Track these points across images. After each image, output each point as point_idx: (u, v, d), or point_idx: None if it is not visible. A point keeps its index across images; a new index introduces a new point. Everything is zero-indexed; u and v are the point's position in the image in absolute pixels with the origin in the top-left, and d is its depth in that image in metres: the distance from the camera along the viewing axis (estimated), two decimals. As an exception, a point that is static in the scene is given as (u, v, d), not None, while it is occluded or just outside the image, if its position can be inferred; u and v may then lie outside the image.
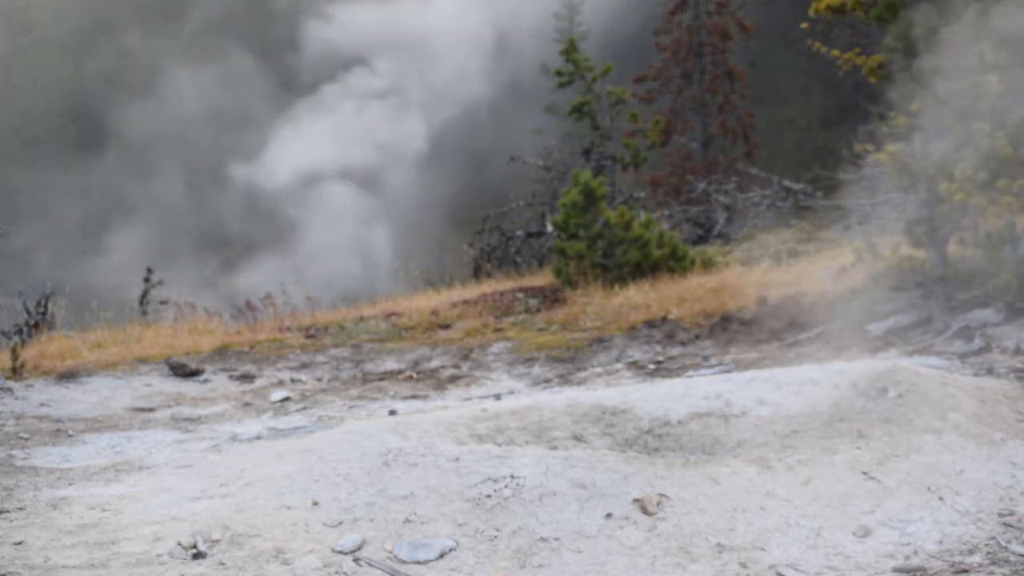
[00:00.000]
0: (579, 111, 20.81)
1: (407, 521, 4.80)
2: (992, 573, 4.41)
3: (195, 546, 4.71)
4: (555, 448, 5.98)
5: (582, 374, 9.55)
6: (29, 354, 10.20)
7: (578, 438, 6.39)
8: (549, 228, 18.36)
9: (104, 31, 34.84)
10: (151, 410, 8.58)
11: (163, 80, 34.02)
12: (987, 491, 5.09)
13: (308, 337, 11.68)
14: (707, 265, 14.48)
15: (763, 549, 4.60)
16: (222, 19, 35.70)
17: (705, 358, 9.80)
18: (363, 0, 33.13)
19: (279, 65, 33.94)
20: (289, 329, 12.16)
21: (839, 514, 4.85)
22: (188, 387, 9.50)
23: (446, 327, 11.94)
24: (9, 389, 8.87)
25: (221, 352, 10.82)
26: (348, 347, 11.08)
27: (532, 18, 32.64)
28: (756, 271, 13.47)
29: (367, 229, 29.19)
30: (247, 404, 8.89)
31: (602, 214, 14.48)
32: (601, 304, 12.48)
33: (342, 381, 9.78)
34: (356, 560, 4.57)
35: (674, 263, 14.20)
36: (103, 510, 5.38)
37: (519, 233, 19.48)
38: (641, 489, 4.91)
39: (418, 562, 4.55)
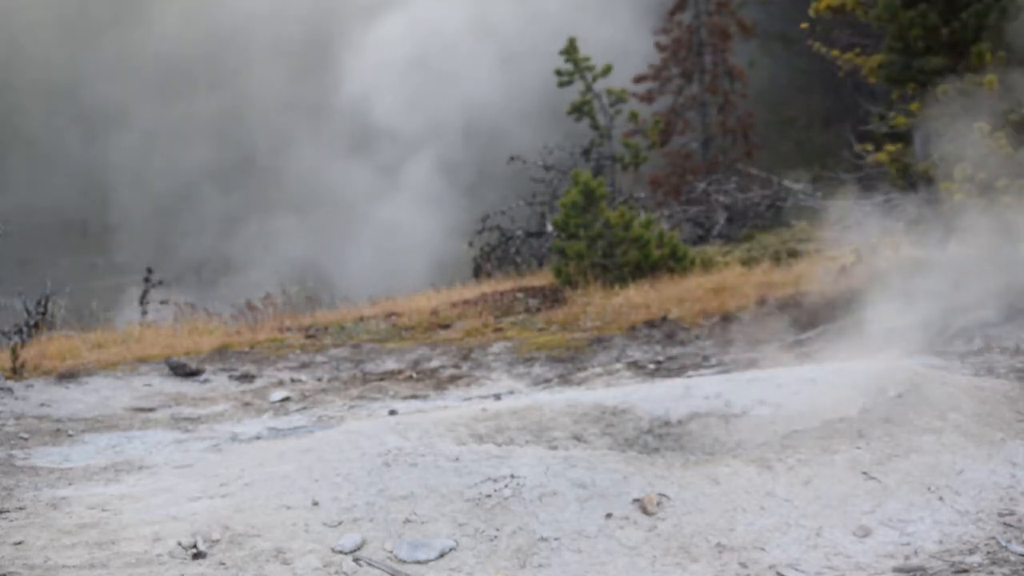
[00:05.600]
0: (579, 111, 20.81)
1: (407, 521, 4.80)
2: (992, 573, 4.41)
3: (195, 546, 4.71)
4: (555, 448, 5.97)
5: (582, 374, 9.55)
6: (29, 354, 10.20)
7: (578, 438, 6.39)
8: (549, 228, 18.35)
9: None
10: (151, 410, 8.58)
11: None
12: (987, 491, 5.09)
13: (308, 337, 11.68)
14: (707, 265, 14.46)
15: (763, 549, 4.61)
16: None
17: (705, 358, 9.80)
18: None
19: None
20: (289, 329, 12.16)
21: (839, 514, 4.85)
22: (188, 387, 9.50)
23: (446, 327, 11.93)
24: (9, 389, 8.87)
25: (221, 352, 10.82)
26: (348, 347, 11.08)
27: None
28: (756, 271, 13.47)
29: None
30: (247, 404, 8.89)
31: (602, 214, 14.47)
32: (601, 304, 12.47)
33: (342, 381, 9.78)
34: (356, 560, 4.57)
35: (674, 263, 14.19)
36: (103, 510, 5.38)
37: (519, 233, 19.47)
38: (641, 489, 4.91)
39: (418, 562, 4.55)
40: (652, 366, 9.62)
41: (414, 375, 9.86)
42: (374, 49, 30.29)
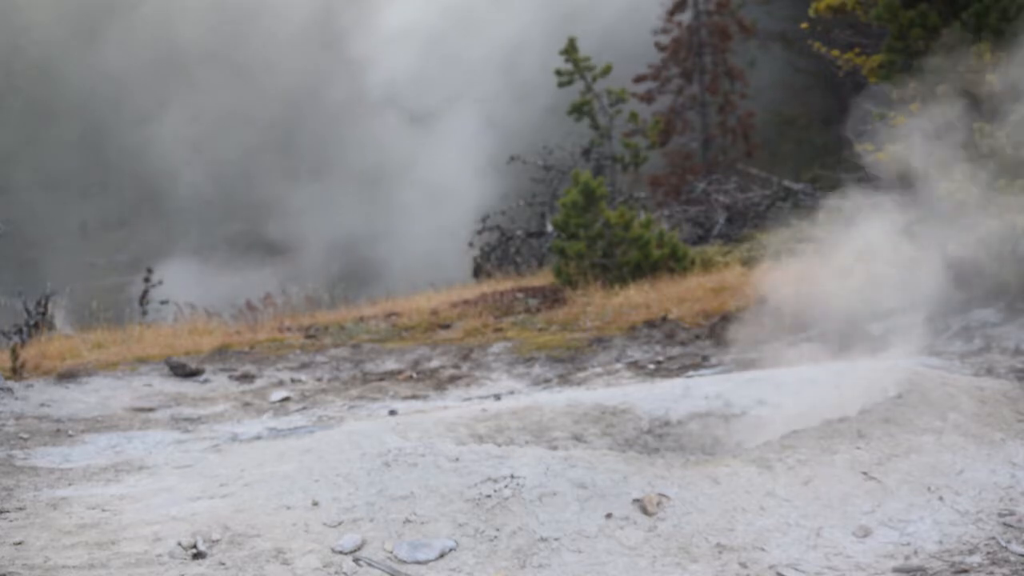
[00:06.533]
0: (579, 111, 20.81)
1: (407, 521, 4.80)
2: (992, 573, 4.41)
3: (195, 546, 4.71)
4: (555, 448, 5.98)
5: (582, 374, 9.55)
6: (29, 354, 10.20)
7: (578, 438, 6.39)
8: (549, 228, 18.36)
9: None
10: (151, 410, 8.58)
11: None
12: (987, 491, 5.09)
13: (308, 337, 11.68)
14: (707, 265, 14.47)
15: (763, 549, 4.61)
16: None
17: (705, 358, 9.80)
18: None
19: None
20: (289, 329, 12.16)
21: (839, 514, 4.85)
22: (188, 387, 9.49)
23: (446, 327, 11.93)
24: (9, 389, 8.87)
25: (221, 352, 10.82)
26: (348, 347, 11.08)
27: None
28: (756, 271, 13.46)
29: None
30: (247, 404, 8.89)
31: (602, 214, 14.48)
32: (601, 304, 12.48)
33: (342, 381, 9.78)
34: (356, 560, 4.57)
35: (674, 263, 14.20)
36: (103, 510, 5.39)
37: (519, 233, 19.47)
38: (641, 489, 4.91)
39: (418, 562, 4.55)
40: (652, 366, 9.62)
41: (414, 375, 9.86)
42: (388, 28, 30.50)
